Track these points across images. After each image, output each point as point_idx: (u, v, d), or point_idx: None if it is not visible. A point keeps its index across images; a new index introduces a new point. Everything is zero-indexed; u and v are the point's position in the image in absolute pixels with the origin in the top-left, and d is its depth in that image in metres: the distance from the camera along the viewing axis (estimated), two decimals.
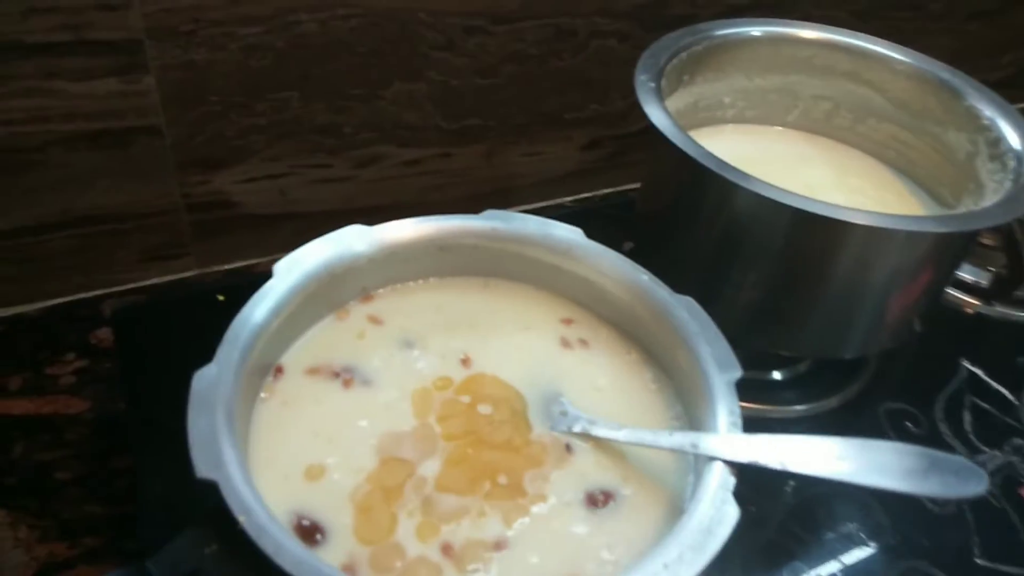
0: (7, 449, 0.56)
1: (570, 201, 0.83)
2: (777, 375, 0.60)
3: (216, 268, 0.71)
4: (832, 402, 0.60)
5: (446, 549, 0.34)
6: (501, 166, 0.77)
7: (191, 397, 0.33)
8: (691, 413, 0.39)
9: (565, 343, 0.43)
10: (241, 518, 0.29)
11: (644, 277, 0.42)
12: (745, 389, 0.57)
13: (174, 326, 0.61)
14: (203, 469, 0.31)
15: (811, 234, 0.49)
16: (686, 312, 0.40)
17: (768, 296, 0.53)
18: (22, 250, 0.62)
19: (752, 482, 0.35)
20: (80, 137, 0.59)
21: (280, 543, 0.29)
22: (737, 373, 0.38)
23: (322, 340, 0.40)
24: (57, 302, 0.66)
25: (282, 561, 0.29)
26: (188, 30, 0.58)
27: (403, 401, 0.39)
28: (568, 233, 0.44)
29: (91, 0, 0.54)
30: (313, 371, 0.39)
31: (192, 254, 0.70)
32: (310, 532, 0.33)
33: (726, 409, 0.36)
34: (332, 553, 0.33)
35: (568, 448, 0.38)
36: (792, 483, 0.56)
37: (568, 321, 0.44)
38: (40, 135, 0.58)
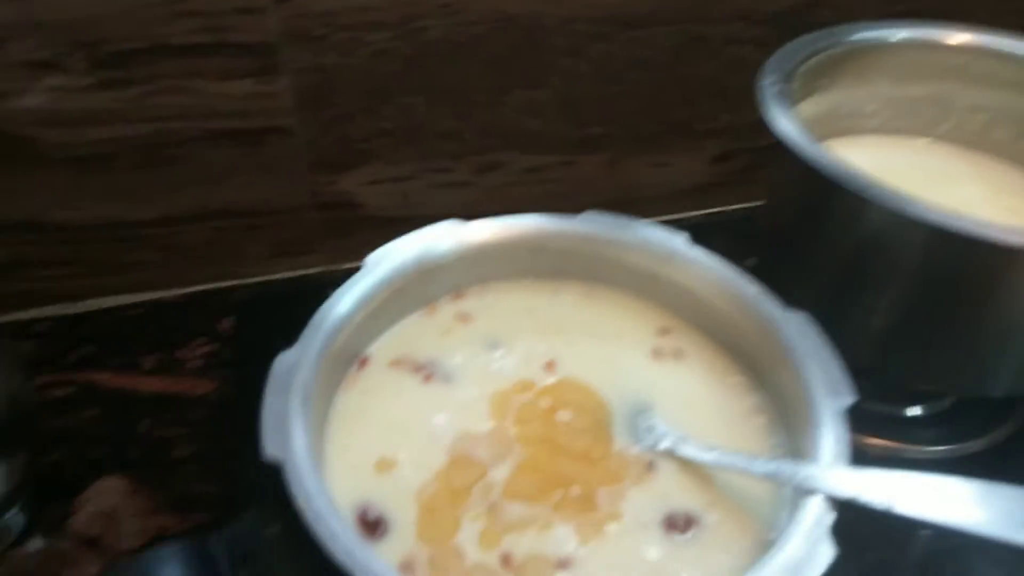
0: (134, 424, 0.60)
1: (696, 215, 0.79)
2: (916, 411, 0.54)
3: (341, 266, 0.73)
4: (977, 444, 0.53)
5: (506, 560, 0.32)
6: (625, 176, 0.75)
7: (269, 379, 0.34)
8: (794, 442, 0.36)
9: (658, 354, 0.40)
10: (300, 502, 0.29)
11: (752, 289, 0.39)
12: (878, 424, 0.53)
13: (293, 319, 0.63)
14: (270, 449, 0.31)
15: (956, 255, 0.44)
16: (796, 330, 0.37)
17: (904, 324, 0.48)
18: (164, 239, 0.67)
19: (881, 526, 0.31)
20: (218, 135, 0.63)
21: (336, 532, 0.29)
22: (849, 399, 0.34)
23: (408, 334, 0.40)
24: (192, 290, 0.70)
25: (335, 549, 0.28)
26: (320, 35, 0.60)
27: (481, 401, 0.38)
28: (671, 239, 0.41)
29: (231, 4, 0.57)
30: (396, 363, 0.39)
31: (318, 251, 0.72)
32: (374, 525, 0.33)
33: (832, 438, 0.33)
34: (392, 548, 0.33)
35: (651, 466, 0.36)
36: (927, 531, 0.50)
37: (665, 331, 0.41)
38: (183, 131, 0.62)
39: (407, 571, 0.32)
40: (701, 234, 0.73)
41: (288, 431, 0.32)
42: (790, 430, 0.36)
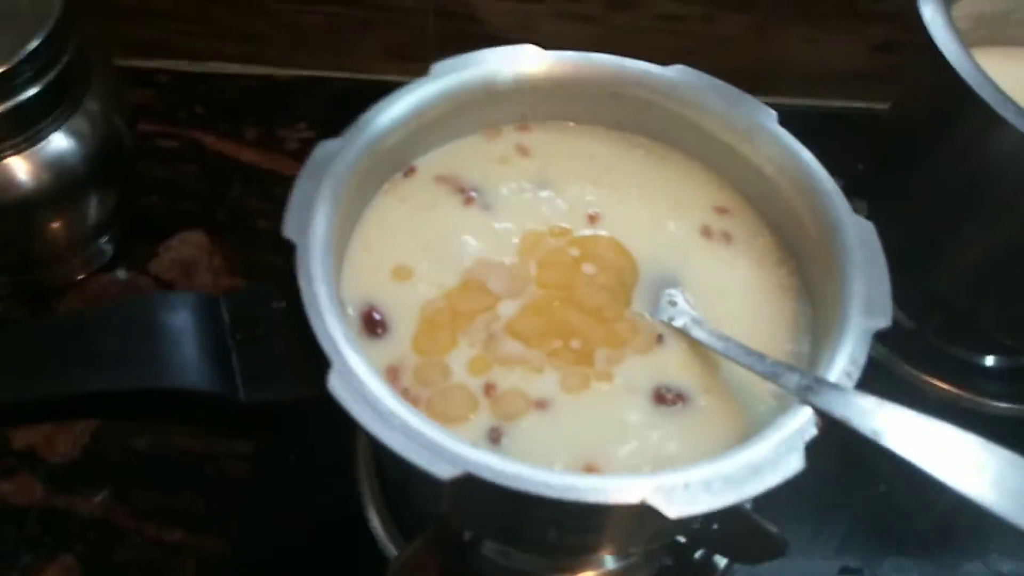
0: (226, 187, 0.63)
1: (837, 107, 0.72)
2: (990, 361, 0.50)
3: None
4: None
5: (488, 388, 0.33)
6: (771, 46, 0.69)
7: (306, 162, 0.34)
8: (814, 352, 0.34)
9: (707, 232, 0.38)
10: (301, 283, 0.30)
11: (827, 185, 0.36)
12: (945, 367, 0.49)
13: None
14: (289, 229, 0.32)
15: None
16: (857, 237, 0.34)
17: (1005, 265, 0.43)
18: (285, 16, 0.67)
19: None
20: None
21: (326, 320, 0.30)
22: (883, 322, 0.32)
23: (462, 154, 0.39)
24: (303, 73, 0.71)
25: (320, 334, 0.29)
26: None
27: (513, 236, 0.37)
28: (758, 113, 0.38)
29: None
30: (441, 179, 0.39)
31: (429, 61, 0.71)
32: (375, 324, 0.34)
33: (847, 356, 0.31)
34: (385, 350, 0.34)
35: (659, 339, 0.35)
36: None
37: (722, 210, 0.39)
38: None
39: (392, 375, 0.33)
40: (834, 128, 0.68)
41: (311, 215, 0.32)
42: (815, 340, 0.34)
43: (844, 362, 0.31)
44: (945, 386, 0.49)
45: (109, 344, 0.29)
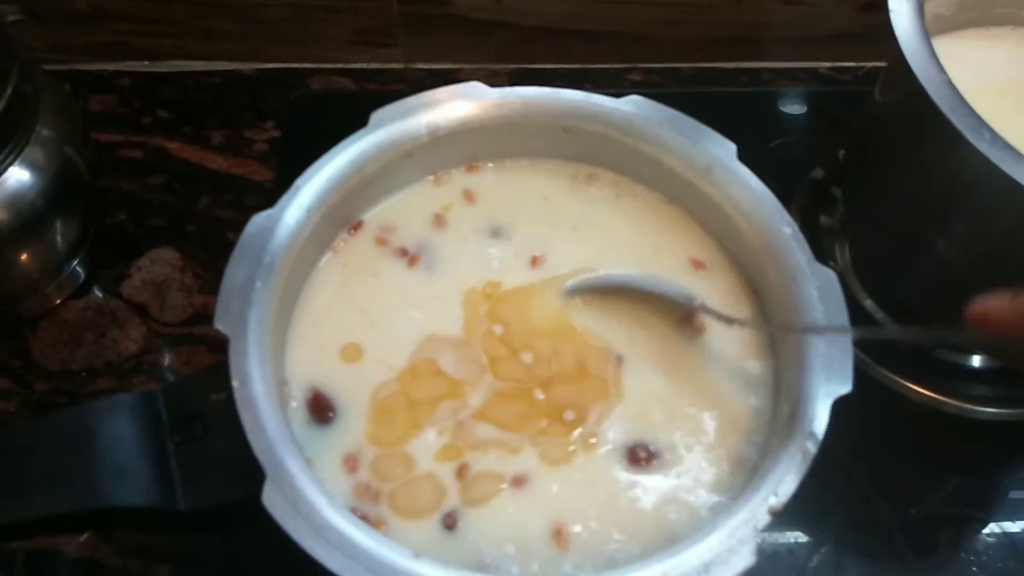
0: (195, 199, 0.62)
1: (827, 68, 0.69)
2: (975, 362, 0.48)
3: (421, 65, 0.69)
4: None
5: (461, 471, 0.32)
6: (753, 10, 0.65)
7: (239, 242, 0.33)
8: (776, 409, 0.33)
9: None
10: (235, 383, 0.29)
11: (787, 230, 0.34)
12: (926, 371, 0.47)
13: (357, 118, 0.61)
14: (221, 320, 0.31)
15: None
16: (816, 291, 0.32)
17: (975, 276, 0.41)
18: (246, 9, 0.64)
19: None
20: None
21: (261, 421, 0.29)
22: (845, 389, 0.30)
23: (409, 203, 0.38)
24: (271, 66, 0.68)
25: (254, 440, 0.29)
26: None
27: (454, 301, 0.35)
28: (717, 149, 0.36)
29: None
30: (383, 241, 0.37)
31: (400, 46, 0.68)
32: (323, 409, 0.33)
33: (807, 427, 0.29)
34: (338, 438, 0.33)
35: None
36: None
37: (696, 263, 0.37)
38: None
39: (350, 466, 0.32)
40: (818, 97, 0.65)
41: (246, 304, 0.31)
42: (776, 396, 0.33)
43: (804, 431, 0.29)
44: (925, 391, 0.48)
45: (41, 467, 0.28)
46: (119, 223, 0.61)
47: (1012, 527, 0.44)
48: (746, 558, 0.27)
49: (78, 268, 0.57)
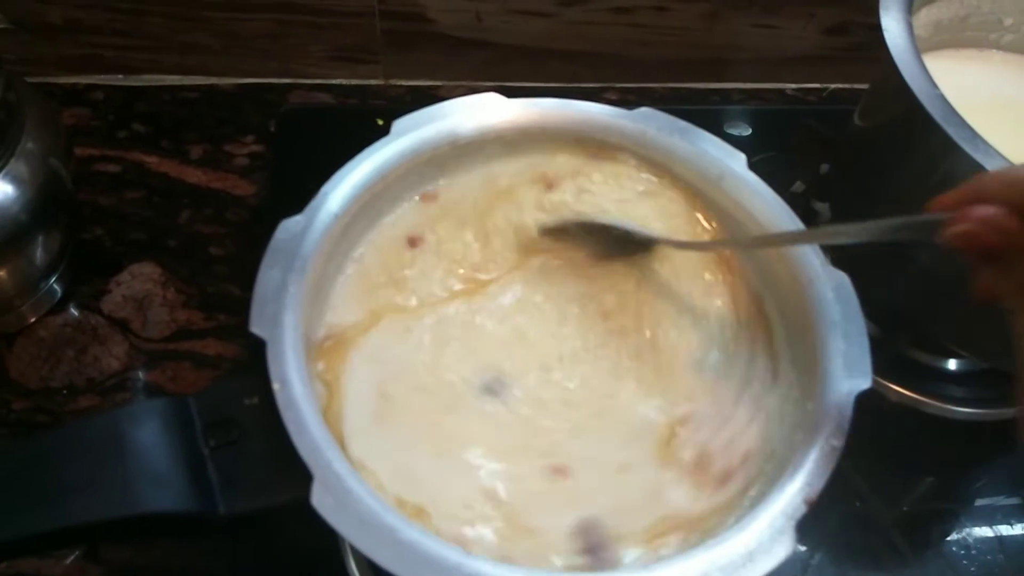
0: (175, 213, 0.61)
1: (793, 89, 0.72)
2: (951, 365, 0.51)
3: (401, 82, 0.70)
4: (1009, 412, 0.50)
5: None
6: (723, 33, 0.68)
7: (270, 247, 0.33)
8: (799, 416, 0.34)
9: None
10: (276, 386, 0.29)
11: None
12: (907, 372, 0.49)
13: (339, 135, 0.61)
14: (256, 324, 0.31)
15: None
16: (832, 292, 0.34)
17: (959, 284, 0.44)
18: (224, 24, 0.64)
19: None
20: None
21: (304, 423, 0.29)
22: (865, 384, 0.32)
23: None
24: (249, 81, 0.68)
25: (299, 442, 0.28)
26: None
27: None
28: (727, 157, 0.37)
29: None
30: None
31: (381, 63, 0.68)
32: None
33: (833, 422, 0.31)
34: None
35: None
36: None
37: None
38: None
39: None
40: (789, 116, 0.68)
41: (280, 307, 0.31)
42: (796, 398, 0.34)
43: (831, 426, 0.31)
44: (907, 392, 0.50)
45: (76, 473, 0.28)
46: (97, 238, 0.59)
47: (998, 523, 0.46)
48: (787, 546, 0.28)
49: (55, 285, 0.56)
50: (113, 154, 0.63)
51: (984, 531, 0.46)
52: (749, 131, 0.61)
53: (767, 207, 0.36)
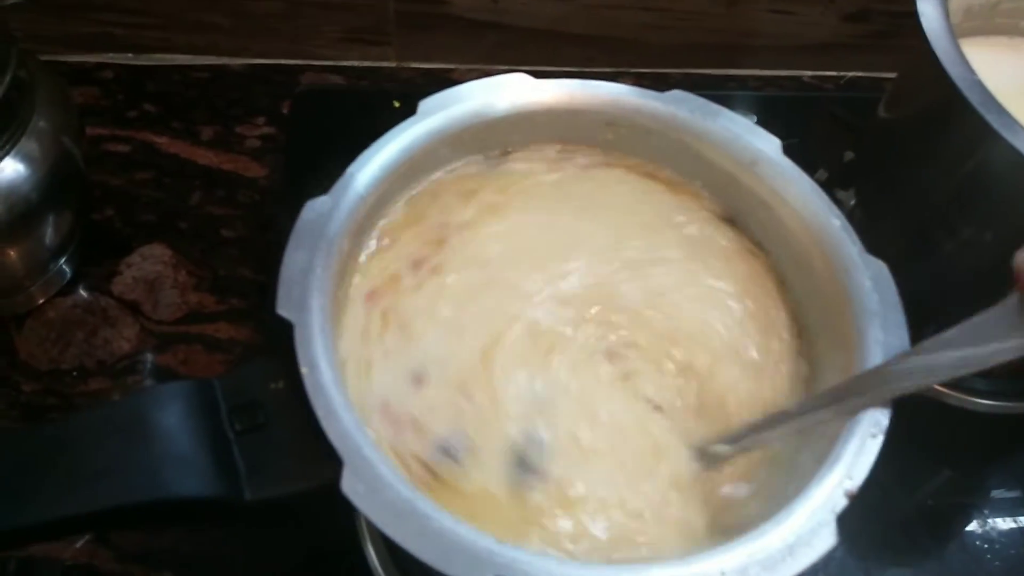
0: (186, 195, 0.60)
1: (810, 76, 0.71)
2: None
3: (414, 65, 0.69)
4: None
5: None
6: (740, 18, 0.67)
7: (295, 228, 0.32)
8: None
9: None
10: (304, 370, 0.29)
11: (836, 222, 0.35)
12: None
13: (353, 118, 0.60)
14: (283, 306, 0.30)
15: None
16: (870, 281, 0.33)
17: (991, 275, 0.43)
18: (237, 3, 0.63)
19: None
20: None
21: (333, 408, 0.28)
22: None
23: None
24: (260, 62, 0.67)
25: (328, 427, 0.28)
26: None
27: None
28: (762, 143, 0.37)
29: None
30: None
31: (393, 44, 0.67)
32: None
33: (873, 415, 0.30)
34: None
35: None
36: None
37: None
38: None
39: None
40: (807, 104, 0.67)
41: (307, 289, 0.31)
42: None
43: (870, 420, 0.30)
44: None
45: (99, 457, 0.27)
46: (107, 219, 0.58)
47: (1023, 516, 0.46)
48: (828, 539, 0.28)
49: (64, 266, 0.55)
50: (123, 134, 0.62)
51: (1008, 524, 0.46)
52: (763, 118, 0.60)
53: (801, 193, 0.35)
